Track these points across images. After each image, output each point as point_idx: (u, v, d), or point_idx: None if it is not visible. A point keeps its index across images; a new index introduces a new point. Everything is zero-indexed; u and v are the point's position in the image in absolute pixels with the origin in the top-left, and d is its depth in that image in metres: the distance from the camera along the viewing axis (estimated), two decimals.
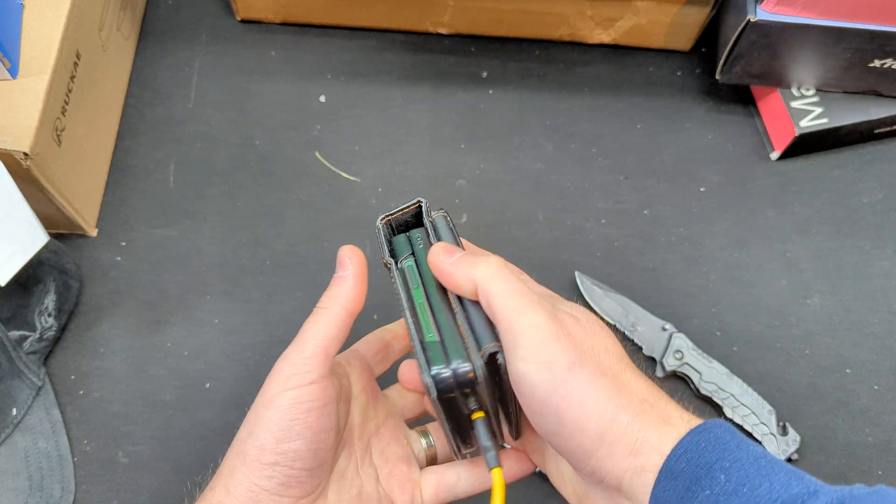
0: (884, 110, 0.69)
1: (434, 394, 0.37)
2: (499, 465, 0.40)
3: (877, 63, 0.65)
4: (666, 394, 0.38)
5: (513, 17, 0.73)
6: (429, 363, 0.37)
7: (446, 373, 0.37)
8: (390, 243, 0.44)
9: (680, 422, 0.36)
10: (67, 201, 0.62)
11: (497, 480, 0.39)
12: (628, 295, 0.65)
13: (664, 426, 0.35)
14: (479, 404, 0.40)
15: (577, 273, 0.66)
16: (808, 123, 0.68)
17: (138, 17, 0.75)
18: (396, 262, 0.43)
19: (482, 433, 0.40)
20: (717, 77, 0.69)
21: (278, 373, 0.40)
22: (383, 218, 0.44)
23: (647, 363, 0.64)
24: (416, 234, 0.44)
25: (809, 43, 0.64)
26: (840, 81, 0.68)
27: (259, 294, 0.65)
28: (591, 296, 0.65)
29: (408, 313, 0.40)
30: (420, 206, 0.44)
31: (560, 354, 0.35)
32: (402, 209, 0.44)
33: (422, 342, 0.38)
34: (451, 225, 0.44)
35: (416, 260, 0.43)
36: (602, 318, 0.64)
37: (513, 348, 0.36)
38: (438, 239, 0.42)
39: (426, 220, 0.44)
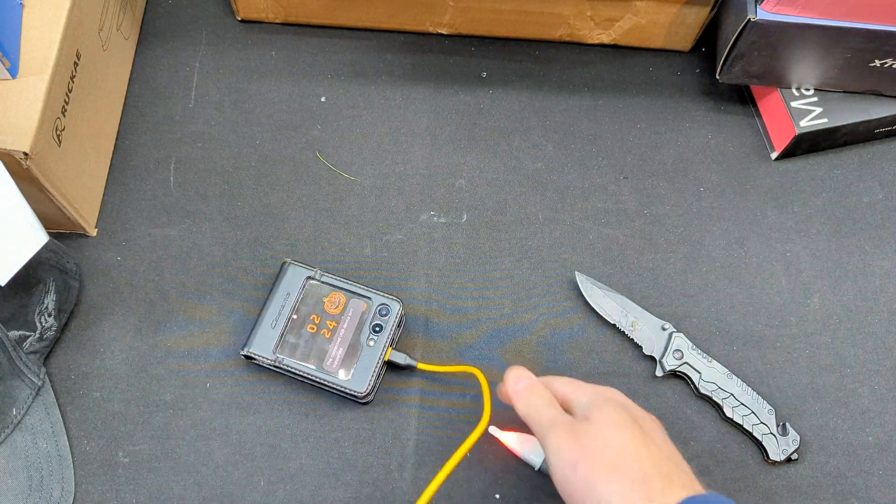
0: (884, 110, 0.69)
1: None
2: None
3: (877, 63, 0.65)
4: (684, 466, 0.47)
5: (513, 18, 0.73)
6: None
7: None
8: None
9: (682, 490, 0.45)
10: (67, 201, 0.62)
11: (424, 367, 0.61)
12: (628, 295, 0.65)
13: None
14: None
15: (577, 273, 0.66)
16: (807, 123, 0.68)
17: (138, 17, 0.75)
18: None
19: (400, 355, 0.62)
20: (717, 77, 0.69)
21: None
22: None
23: (646, 362, 0.64)
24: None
25: (809, 43, 0.64)
26: (840, 81, 0.68)
27: (259, 294, 0.65)
28: (591, 296, 0.65)
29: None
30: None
31: (566, 458, 0.47)
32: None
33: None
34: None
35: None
36: (602, 318, 0.65)
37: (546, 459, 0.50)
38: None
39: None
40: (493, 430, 0.58)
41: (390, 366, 0.62)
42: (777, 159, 0.72)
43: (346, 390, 0.60)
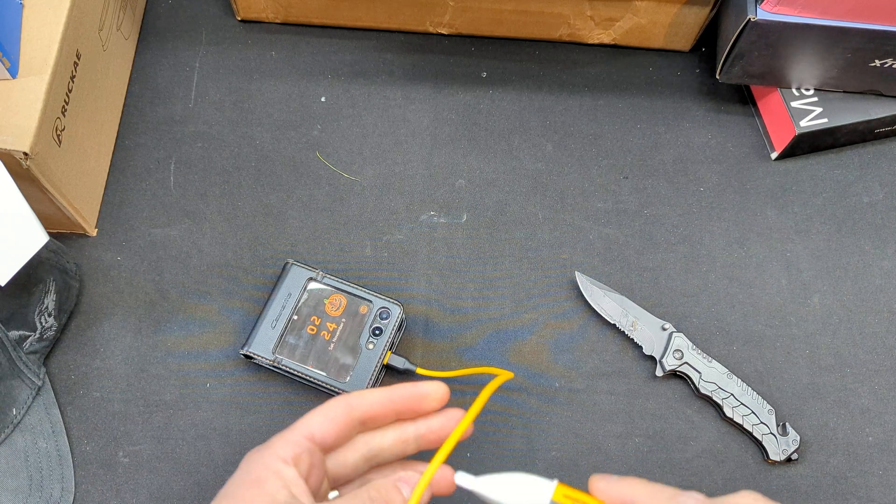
0: (884, 110, 0.69)
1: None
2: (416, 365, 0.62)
3: (877, 63, 0.65)
4: None
5: (513, 17, 0.73)
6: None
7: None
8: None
9: None
10: (67, 201, 0.62)
11: (423, 372, 0.61)
12: (628, 295, 0.65)
13: None
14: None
15: (577, 273, 0.66)
16: (807, 123, 0.68)
17: (138, 17, 0.75)
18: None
19: (399, 359, 0.62)
20: (717, 77, 0.69)
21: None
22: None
23: (646, 362, 0.64)
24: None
25: (809, 43, 0.64)
26: (840, 81, 0.68)
27: (259, 294, 0.65)
28: (591, 295, 0.65)
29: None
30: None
31: None
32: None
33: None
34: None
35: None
36: (602, 318, 0.65)
37: None
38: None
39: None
40: (462, 477, 0.43)
41: (389, 370, 0.62)
42: (777, 159, 0.72)
43: (344, 393, 0.60)
